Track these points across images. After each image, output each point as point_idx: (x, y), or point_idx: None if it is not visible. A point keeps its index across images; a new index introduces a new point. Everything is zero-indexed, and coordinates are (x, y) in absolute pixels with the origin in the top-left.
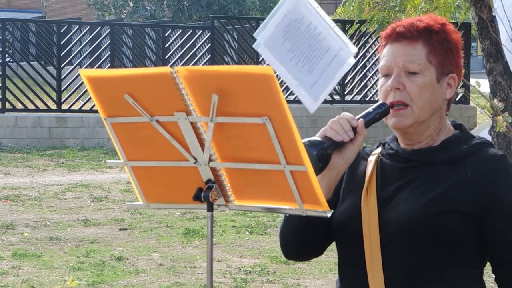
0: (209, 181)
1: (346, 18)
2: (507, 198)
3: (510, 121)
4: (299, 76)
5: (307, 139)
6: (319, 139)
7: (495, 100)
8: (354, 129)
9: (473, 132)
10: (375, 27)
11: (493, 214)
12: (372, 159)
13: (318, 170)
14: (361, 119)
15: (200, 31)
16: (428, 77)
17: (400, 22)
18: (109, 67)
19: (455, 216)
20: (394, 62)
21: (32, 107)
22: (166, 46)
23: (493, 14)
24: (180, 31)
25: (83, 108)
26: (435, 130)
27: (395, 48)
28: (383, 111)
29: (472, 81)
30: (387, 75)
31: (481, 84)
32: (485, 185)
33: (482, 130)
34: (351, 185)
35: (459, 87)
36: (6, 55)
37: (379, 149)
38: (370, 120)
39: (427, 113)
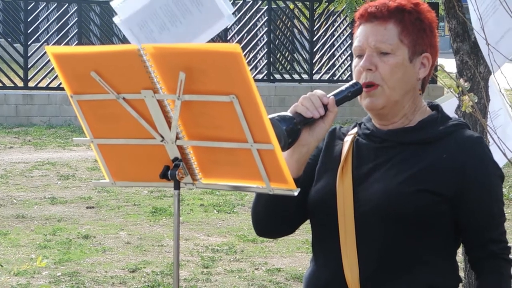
0: (176, 159)
1: None
2: (481, 180)
3: (476, 100)
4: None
5: (276, 114)
6: (290, 114)
7: (461, 80)
8: (325, 107)
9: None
10: (344, 6)
11: (466, 196)
12: (348, 139)
13: (287, 145)
14: (332, 97)
15: None
16: (400, 57)
17: (373, 2)
18: (76, 45)
19: (429, 196)
20: (366, 42)
21: None
22: None
23: None
24: None
25: (50, 86)
26: (409, 110)
27: (367, 28)
28: (355, 90)
29: (440, 61)
30: (360, 56)
31: (448, 64)
32: (460, 167)
33: (443, 101)
34: (327, 164)
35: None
36: None
37: (355, 129)
38: (342, 99)
39: (399, 93)
